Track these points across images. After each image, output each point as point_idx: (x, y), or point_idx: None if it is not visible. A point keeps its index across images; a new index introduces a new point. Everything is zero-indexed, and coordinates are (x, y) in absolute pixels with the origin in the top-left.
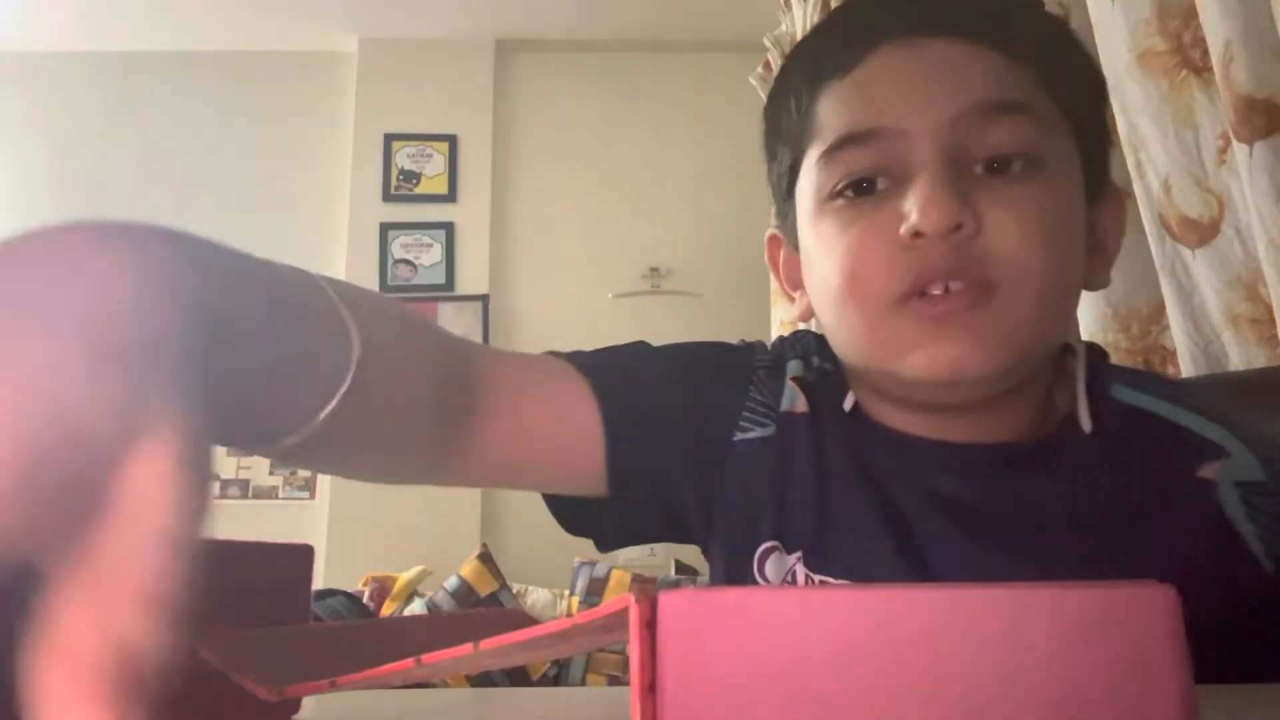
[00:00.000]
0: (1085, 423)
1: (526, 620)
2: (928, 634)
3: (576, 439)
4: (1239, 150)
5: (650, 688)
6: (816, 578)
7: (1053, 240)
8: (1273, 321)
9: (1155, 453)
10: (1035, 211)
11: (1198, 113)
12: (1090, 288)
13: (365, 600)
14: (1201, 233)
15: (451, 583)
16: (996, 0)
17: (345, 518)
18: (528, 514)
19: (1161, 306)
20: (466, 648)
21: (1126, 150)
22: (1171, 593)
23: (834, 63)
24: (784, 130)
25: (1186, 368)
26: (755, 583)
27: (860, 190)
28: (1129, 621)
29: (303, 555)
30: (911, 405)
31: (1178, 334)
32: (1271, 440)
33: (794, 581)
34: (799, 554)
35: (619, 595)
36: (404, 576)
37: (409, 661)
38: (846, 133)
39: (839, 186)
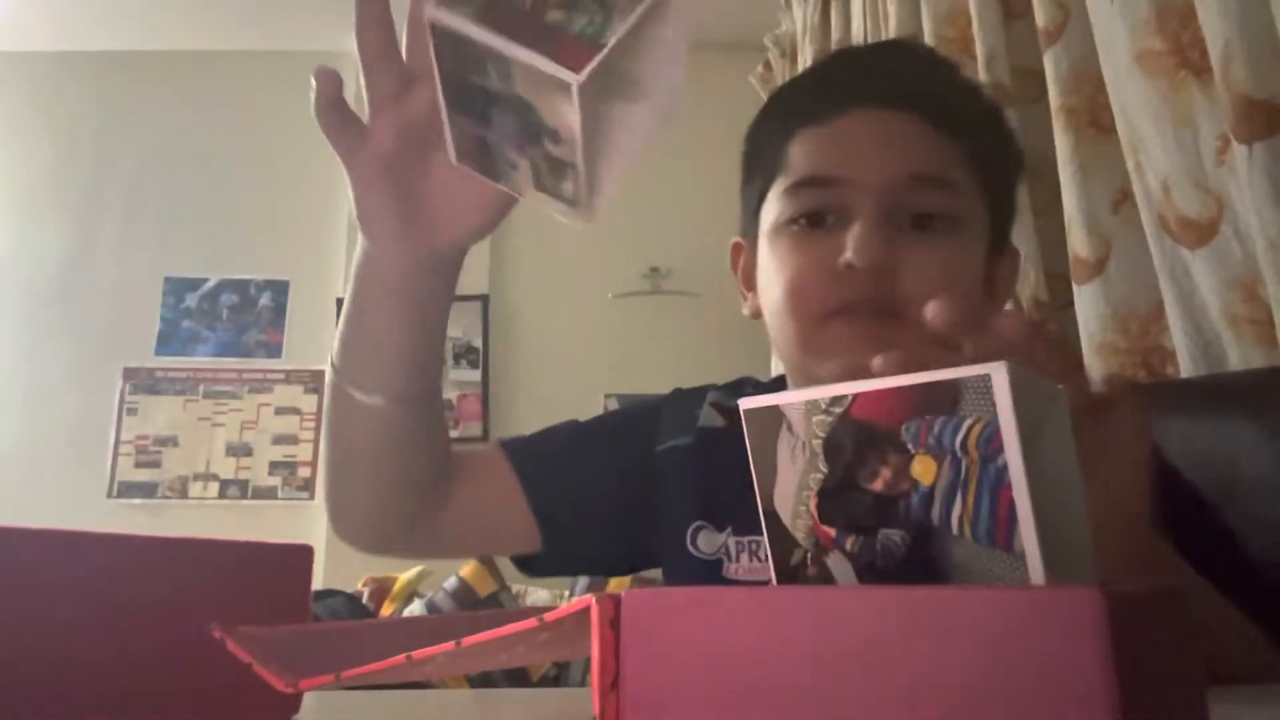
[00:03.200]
0: None
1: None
2: (867, 632)
3: (511, 525)
4: (1238, 151)
5: (613, 684)
6: (746, 540)
7: (953, 286)
8: (1272, 322)
9: None
10: (943, 263)
11: (1196, 113)
12: None
13: (364, 601)
14: (1200, 233)
15: (451, 583)
16: (946, 85)
17: None
18: None
19: (1160, 307)
20: (449, 645)
21: (1126, 151)
22: (1098, 596)
23: (810, 113)
24: (760, 158)
25: (1186, 368)
26: (690, 556)
27: (813, 222)
28: (1058, 623)
29: (302, 555)
30: None
31: (1177, 335)
32: None
33: (729, 551)
34: (729, 529)
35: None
36: (403, 577)
37: (400, 658)
38: (810, 175)
39: (796, 216)
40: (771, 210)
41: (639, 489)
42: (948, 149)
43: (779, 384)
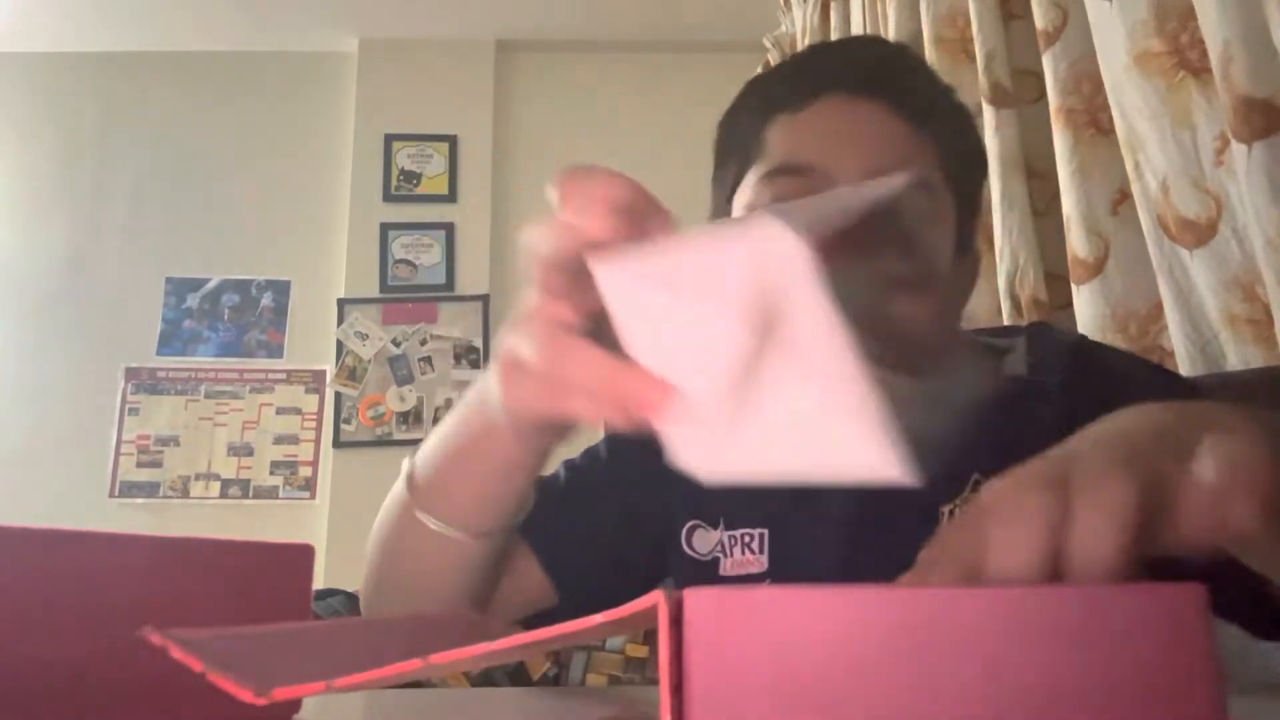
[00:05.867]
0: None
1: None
2: (956, 634)
3: (529, 590)
4: (1237, 151)
5: (677, 686)
6: (739, 533)
7: None
8: (1270, 322)
9: (969, 370)
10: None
11: (1195, 114)
12: None
13: None
14: (1199, 233)
15: None
16: (921, 82)
17: (345, 517)
18: None
19: (1159, 307)
20: (480, 647)
21: (1125, 151)
22: (1201, 591)
23: (787, 99)
24: (736, 144)
25: (1184, 368)
26: (686, 557)
27: None
28: (1159, 619)
29: (303, 555)
30: None
31: (1176, 334)
32: (1049, 336)
33: (724, 547)
34: (721, 523)
35: (649, 594)
36: None
37: (416, 661)
38: (785, 162)
39: (771, 202)
40: (745, 196)
41: (648, 507)
42: (921, 145)
43: None
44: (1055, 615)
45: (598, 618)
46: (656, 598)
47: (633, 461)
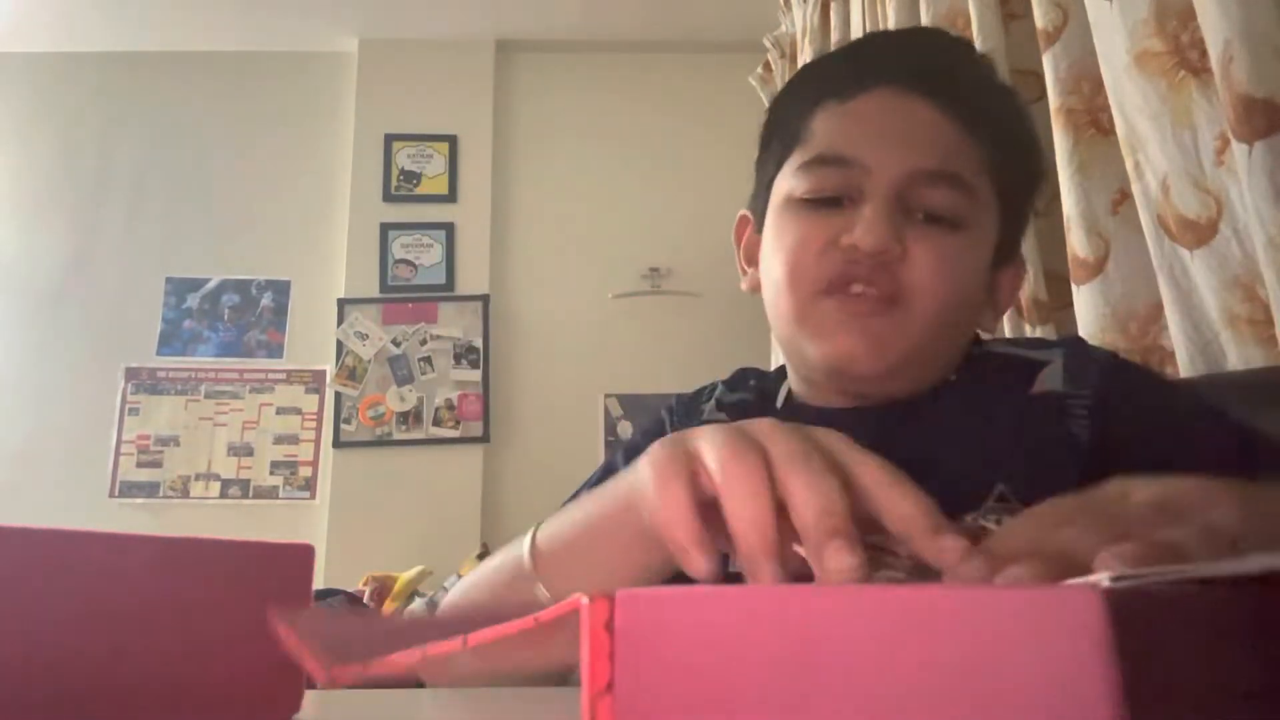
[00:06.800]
0: (950, 375)
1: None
2: (873, 633)
3: None
4: (1238, 150)
5: (607, 689)
6: None
7: (953, 283)
8: (1271, 322)
9: (1003, 380)
10: (947, 258)
11: (1196, 113)
12: (981, 329)
13: (366, 600)
14: (1199, 233)
15: (451, 582)
16: (978, 84)
17: (345, 517)
18: (527, 513)
19: (1160, 307)
20: (456, 643)
21: (1125, 151)
22: (1096, 596)
23: (836, 87)
24: (781, 129)
25: (1185, 368)
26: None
27: (825, 199)
28: (1055, 623)
29: (303, 555)
30: (829, 387)
31: (1176, 334)
32: (1085, 353)
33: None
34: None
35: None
36: (404, 576)
37: (356, 666)
38: (824, 153)
39: (808, 192)
40: (785, 183)
41: None
42: (970, 149)
43: (780, 375)
44: (949, 616)
45: (531, 619)
46: (578, 602)
47: None
